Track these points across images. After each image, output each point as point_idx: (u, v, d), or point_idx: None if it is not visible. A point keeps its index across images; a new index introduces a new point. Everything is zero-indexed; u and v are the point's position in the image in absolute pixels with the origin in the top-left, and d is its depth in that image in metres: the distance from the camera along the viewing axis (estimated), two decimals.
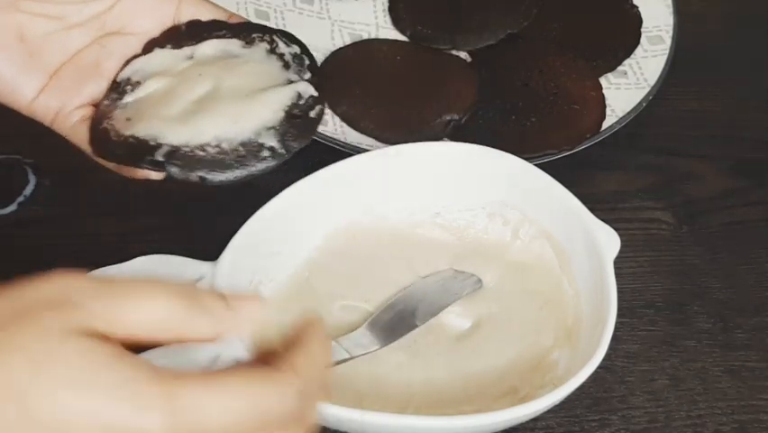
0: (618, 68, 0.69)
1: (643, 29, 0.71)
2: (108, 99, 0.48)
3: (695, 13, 0.76)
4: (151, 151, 0.46)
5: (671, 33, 0.71)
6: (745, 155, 0.70)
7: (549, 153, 0.63)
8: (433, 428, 0.45)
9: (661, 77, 0.68)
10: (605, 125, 0.65)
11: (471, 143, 0.56)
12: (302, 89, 0.48)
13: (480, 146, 0.56)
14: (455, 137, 0.63)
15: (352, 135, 0.64)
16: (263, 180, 0.46)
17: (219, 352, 0.46)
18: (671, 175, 0.68)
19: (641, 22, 0.72)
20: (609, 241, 0.52)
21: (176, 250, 0.49)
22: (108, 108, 0.48)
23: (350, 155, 0.56)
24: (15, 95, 0.47)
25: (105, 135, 0.47)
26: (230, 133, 0.46)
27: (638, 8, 0.72)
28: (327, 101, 0.66)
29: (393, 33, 0.71)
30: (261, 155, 0.46)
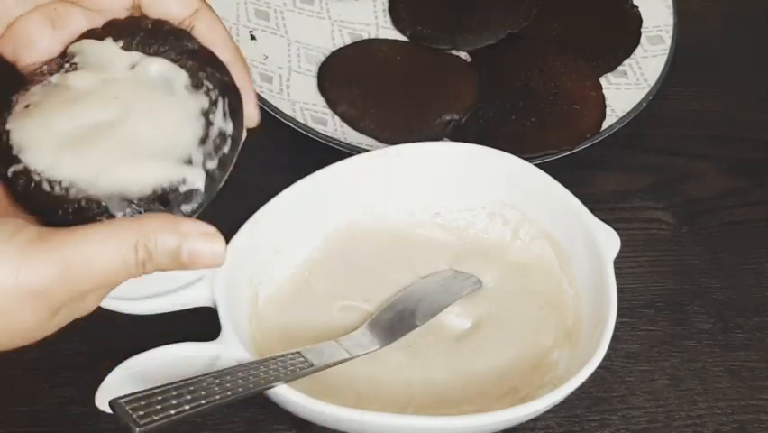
0: (618, 68, 0.69)
1: (643, 29, 0.71)
2: (49, 65, 0.42)
3: (695, 13, 0.76)
4: (8, 160, 0.39)
5: (671, 33, 0.71)
6: (745, 155, 0.69)
7: (549, 153, 0.63)
8: (433, 428, 0.45)
9: (661, 77, 0.68)
10: (605, 125, 0.65)
11: (471, 143, 0.56)
12: (190, 177, 0.39)
13: (480, 146, 0.56)
14: (455, 137, 0.63)
15: (352, 135, 0.64)
16: (263, 180, 0.46)
17: (219, 352, 0.46)
18: (671, 175, 0.68)
19: (641, 22, 0.71)
20: (609, 241, 0.52)
21: None
22: (35, 77, 0.41)
23: (350, 155, 0.56)
24: None
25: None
26: (88, 181, 0.38)
27: (638, 8, 0.72)
28: (327, 101, 0.65)
29: (393, 33, 0.71)
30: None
